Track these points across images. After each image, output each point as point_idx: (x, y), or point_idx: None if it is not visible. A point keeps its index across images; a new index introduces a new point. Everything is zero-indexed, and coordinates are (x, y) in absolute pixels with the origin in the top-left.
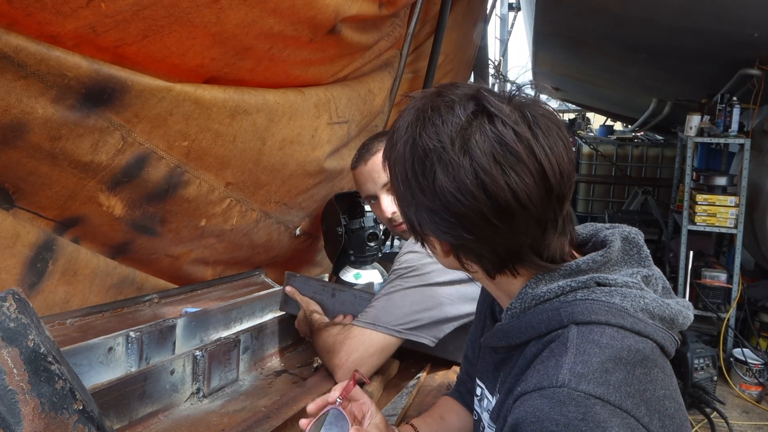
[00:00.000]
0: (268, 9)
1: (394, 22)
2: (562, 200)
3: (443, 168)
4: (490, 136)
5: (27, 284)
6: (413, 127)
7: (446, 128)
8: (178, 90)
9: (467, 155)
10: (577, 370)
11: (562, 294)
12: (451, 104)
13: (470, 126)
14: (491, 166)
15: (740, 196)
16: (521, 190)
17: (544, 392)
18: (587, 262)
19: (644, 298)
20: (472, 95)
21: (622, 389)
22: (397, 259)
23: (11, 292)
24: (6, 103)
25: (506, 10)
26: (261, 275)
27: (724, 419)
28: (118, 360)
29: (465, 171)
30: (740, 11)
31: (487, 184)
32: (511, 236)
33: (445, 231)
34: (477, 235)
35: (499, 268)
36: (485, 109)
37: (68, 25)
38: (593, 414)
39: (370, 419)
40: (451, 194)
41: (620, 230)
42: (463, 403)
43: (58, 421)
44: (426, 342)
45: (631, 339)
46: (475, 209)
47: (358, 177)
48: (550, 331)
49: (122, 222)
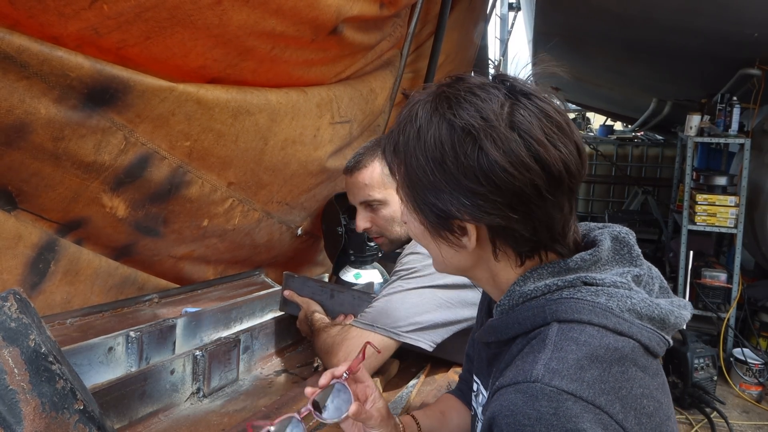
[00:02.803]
0: (270, 10)
1: (395, 22)
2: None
3: (492, 143)
4: (533, 111)
5: (29, 284)
6: (441, 111)
7: (488, 105)
8: (181, 90)
9: (515, 130)
10: (551, 366)
11: (548, 292)
12: (483, 86)
13: (512, 103)
14: (542, 137)
15: (740, 196)
16: (570, 160)
17: (518, 387)
18: (576, 261)
19: (631, 298)
20: (496, 78)
21: (596, 386)
22: (399, 260)
23: (12, 292)
24: (9, 103)
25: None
26: (261, 275)
27: (724, 419)
28: (118, 360)
29: (517, 144)
30: (740, 11)
31: (542, 154)
32: (553, 211)
33: (489, 212)
34: (523, 212)
35: (535, 249)
36: (518, 89)
37: (71, 26)
38: (565, 409)
39: (372, 403)
40: (503, 169)
41: (610, 230)
42: (464, 401)
43: (58, 420)
44: (424, 347)
45: (610, 338)
46: (528, 183)
47: (346, 185)
48: (534, 328)
49: (125, 223)
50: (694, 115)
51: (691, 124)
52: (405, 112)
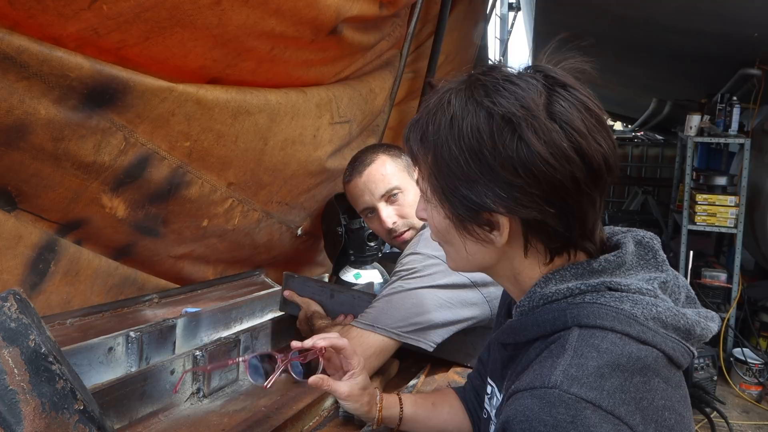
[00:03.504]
0: (269, 10)
1: (395, 22)
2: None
3: (533, 133)
4: (573, 102)
5: (28, 285)
6: (479, 99)
7: (528, 94)
8: (180, 90)
9: (555, 121)
10: (570, 372)
11: (570, 296)
12: (521, 75)
13: (551, 93)
14: (583, 130)
15: (740, 195)
16: (609, 155)
17: (535, 392)
18: (600, 262)
19: (657, 306)
20: (533, 67)
21: (616, 395)
22: (400, 261)
23: (12, 292)
24: (8, 104)
25: (506, 10)
26: (261, 275)
27: (724, 419)
28: (118, 360)
29: (558, 135)
30: (740, 11)
31: (583, 147)
32: (588, 207)
33: (526, 205)
34: (559, 206)
35: (566, 245)
36: (556, 80)
37: (70, 27)
38: (583, 418)
39: (350, 377)
40: (543, 161)
41: (633, 234)
42: (463, 399)
43: (58, 421)
44: (424, 347)
45: (633, 346)
46: (569, 175)
47: (353, 190)
48: (554, 332)
49: (125, 223)
50: (694, 115)
51: (691, 124)
52: (435, 100)
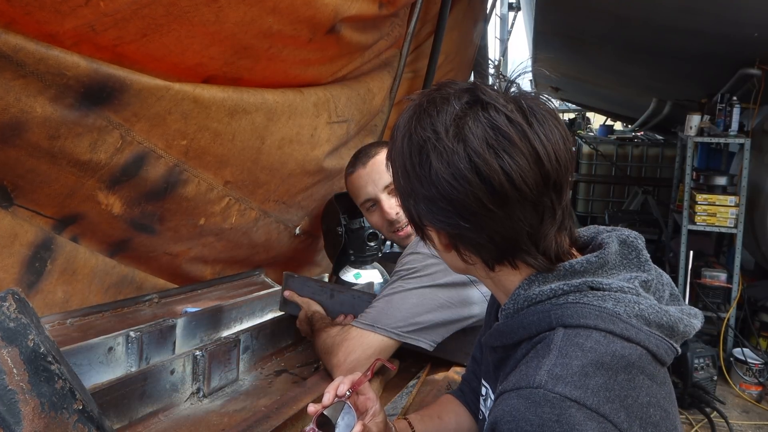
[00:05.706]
0: (267, 8)
1: (394, 22)
2: (559, 189)
3: (437, 155)
4: (483, 122)
5: (25, 284)
6: (411, 121)
7: (441, 118)
8: (177, 89)
9: (461, 142)
10: (555, 371)
11: (554, 296)
12: (447, 97)
13: (465, 115)
14: (484, 149)
15: (740, 195)
16: (515, 172)
17: (521, 392)
18: (581, 263)
19: (639, 304)
20: (468, 89)
21: (600, 394)
22: (400, 261)
23: (11, 291)
24: (5, 102)
25: (506, 10)
26: (261, 275)
27: (724, 419)
28: (118, 360)
29: (459, 156)
30: (740, 11)
31: (480, 167)
32: (508, 223)
33: (442, 220)
34: (473, 222)
35: (499, 259)
36: (479, 99)
37: (67, 23)
38: (568, 416)
39: (372, 417)
40: (446, 181)
41: (618, 233)
42: (464, 402)
43: (58, 420)
44: (424, 346)
45: (617, 344)
46: (470, 194)
47: (356, 181)
48: (539, 333)
49: (121, 220)
50: (694, 115)
51: (691, 124)
52: (398, 119)
